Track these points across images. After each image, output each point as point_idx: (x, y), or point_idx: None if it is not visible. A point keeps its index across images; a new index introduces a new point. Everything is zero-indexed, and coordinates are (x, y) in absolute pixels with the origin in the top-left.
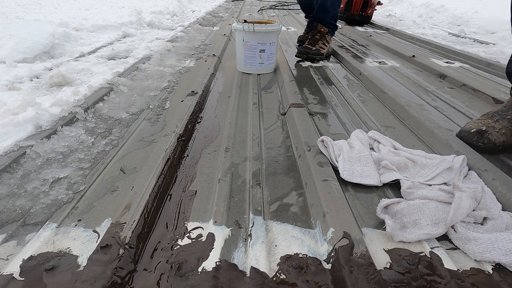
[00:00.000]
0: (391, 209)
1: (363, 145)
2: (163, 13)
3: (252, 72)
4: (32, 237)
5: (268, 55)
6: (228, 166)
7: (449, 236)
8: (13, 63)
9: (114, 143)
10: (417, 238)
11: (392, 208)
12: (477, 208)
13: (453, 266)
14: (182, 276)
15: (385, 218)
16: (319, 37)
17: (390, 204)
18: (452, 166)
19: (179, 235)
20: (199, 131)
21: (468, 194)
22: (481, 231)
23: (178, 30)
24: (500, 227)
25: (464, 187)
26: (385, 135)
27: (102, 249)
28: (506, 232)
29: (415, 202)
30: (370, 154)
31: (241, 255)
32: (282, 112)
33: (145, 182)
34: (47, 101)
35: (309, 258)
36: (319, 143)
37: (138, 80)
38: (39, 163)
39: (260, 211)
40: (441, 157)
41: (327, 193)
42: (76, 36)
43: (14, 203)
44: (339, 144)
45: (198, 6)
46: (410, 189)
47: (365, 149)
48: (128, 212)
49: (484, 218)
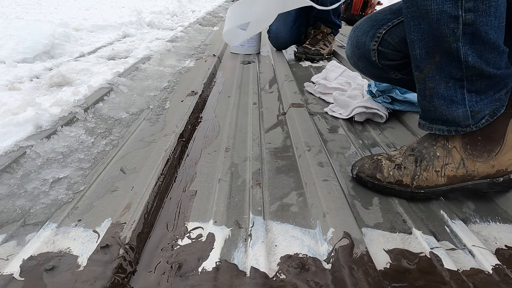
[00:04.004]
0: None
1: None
2: (163, 13)
3: (237, 52)
4: (32, 237)
5: (248, 39)
6: (228, 166)
7: None
8: (13, 63)
9: (114, 143)
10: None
11: None
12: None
13: (453, 266)
14: (182, 276)
15: None
16: (320, 37)
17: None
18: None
19: (179, 235)
20: (199, 131)
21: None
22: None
23: (178, 30)
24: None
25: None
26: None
27: (102, 249)
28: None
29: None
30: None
31: (241, 255)
32: (282, 112)
33: (145, 182)
34: (47, 101)
35: (309, 258)
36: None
37: (138, 80)
38: (39, 163)
39: (260, 211)
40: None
41: (327, 193)
42: (76, 36)
43: (14, 203)
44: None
45: (198, 6)
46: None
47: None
48: (128, 212)
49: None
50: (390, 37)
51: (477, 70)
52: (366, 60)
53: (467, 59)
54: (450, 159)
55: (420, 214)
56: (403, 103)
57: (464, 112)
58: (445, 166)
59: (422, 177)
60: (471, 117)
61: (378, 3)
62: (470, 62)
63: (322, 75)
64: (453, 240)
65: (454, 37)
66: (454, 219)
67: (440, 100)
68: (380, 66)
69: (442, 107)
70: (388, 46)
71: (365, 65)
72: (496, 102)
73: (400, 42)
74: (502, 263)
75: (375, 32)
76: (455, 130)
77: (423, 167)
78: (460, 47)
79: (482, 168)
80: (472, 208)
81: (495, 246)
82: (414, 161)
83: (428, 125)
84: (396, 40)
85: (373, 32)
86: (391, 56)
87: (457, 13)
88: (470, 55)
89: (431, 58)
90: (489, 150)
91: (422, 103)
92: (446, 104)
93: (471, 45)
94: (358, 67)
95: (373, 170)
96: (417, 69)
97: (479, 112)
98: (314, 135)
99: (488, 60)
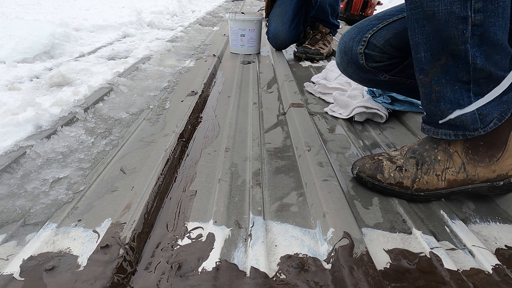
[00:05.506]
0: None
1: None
2: (163, 13)
3: (237, 52)
4: (32, 237)
5: (248, 39)
6: (228, 166)
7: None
8: (13, 63)
9: (114, 143)
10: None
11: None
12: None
13: (453, 266)
14: (182, 276)
15: None
16: (319, 37)
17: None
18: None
19: (179, 235)
20: (199, 131)
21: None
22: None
23: (178, 30)
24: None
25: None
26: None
27: (102, 249)
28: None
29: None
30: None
31: (241, 255)
32: (282, 112)
33: (145, 182)
34: (47, 101)
35: (309, 258)
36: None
37: (138, 80)
38: (39, 163)
39: (260, 211)
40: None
41: (327, 193)
42: (76, 36)
43: (14, 203)
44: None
45: (198, 6)
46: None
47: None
48: (128, 212)
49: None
50: (376, 40)
51: (485, 73)
52: (354, 64)
53: (475, 61)
54: (451, 163)
55: (420, 214)
56: (403, 103)
57: (472, 115)
58: (445, 170)
59: (423, 180)
60: (480, 120)
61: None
62: (478, 64)
63: (322, 75)
64: (453, 240)
65: (463, 39)
66: (454, 219)
67: (447, 104)
68: (368, 69)
69: (449, 111)
70: (374, 48)
71: (354, 70)
72: (504, 104)
73: (386, 44)
74: (502, 263)
75: (361, 37)
76: (463, 134)
77: (424, 171)
78: (468, 49)
79: (483, 172)
80: (472, 208)
81: (495, 246)
82: (415, 163)
83: (433, 130)
84: (382, 42)
85: (359, 37)
86: (378, 58)
87: (466, 13)
88: (479, 57)
89: (436, 60)
90: (491, 155)
91: (427, 108)
92: (453, 108)
93: (479, 47)
94: (348, 72)
95: (374, 171)
96: (422, 73)
97: (487, 115)
98: (314, 135)
99: (495, 62)
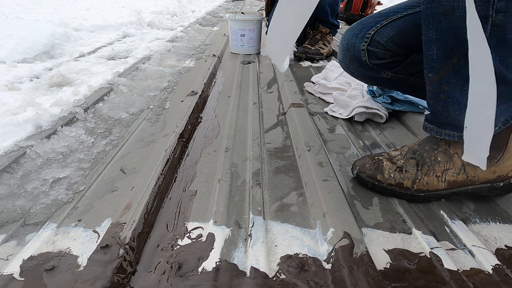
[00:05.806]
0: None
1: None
2: (163, 13)
3: (237, 52)
4: (32, 237)
5: (248, 39)
6: (228, 166)
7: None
8: (13, 63)
9: (114, 143)
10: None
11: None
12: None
13: (453, 266)
14: (182, 276)
15: None
16: (319, 37)
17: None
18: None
19: (179, 235)
20: (199, 131)
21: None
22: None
23: (178, 30)
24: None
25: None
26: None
27: (102, 249)
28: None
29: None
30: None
31: (241, 255)
32: (282, 112)
33: (145, 182)
34: (47, 101)
35: (309, 258)
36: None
37: (138, 80)
38: (39, 163)
39: (260, 211)
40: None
41: (327, 193)
42: (76, 36)
43: (14, 203)
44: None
45: (198, 6)
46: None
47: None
48: (128, 212)
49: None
50: (379, 37)
51: (498, 75)
52: (357, 61)
53: None
54: (451, 164)
55: (420, 214)
56: (403, 103)
57: None
58: (445, 171)
59: (423, 181)
60: None
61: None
62: None
63: (322, 75)
64: (453, 240)
65: None
66: (454, 219)
67: (454, 105)
68: (371, 66)
69: (456, 112)
70: (377, 45)
71: (356, 67)
72: (510, 108)
73: (389, 41)
74: (502, 263)
75: (364, 34)
76: None
77: (424, 172)
78: None
79: (483, 173)
80: (472, 208)
81: (495, 246)
82: (415, 164)
83: (437, 130)
84: (385, 39)
85: (362, 34)
86: (381, 55)
87: (488, 12)
88: (493, 59)
89: (448, 59)
90: (491, 157)
91: (434, 107)
92: (461, 109)
93: (495, 48)
94: (350, 69)
95: (374, 171)
96: (432, 70)
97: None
98: (314, 135)
99: (508, 65)
